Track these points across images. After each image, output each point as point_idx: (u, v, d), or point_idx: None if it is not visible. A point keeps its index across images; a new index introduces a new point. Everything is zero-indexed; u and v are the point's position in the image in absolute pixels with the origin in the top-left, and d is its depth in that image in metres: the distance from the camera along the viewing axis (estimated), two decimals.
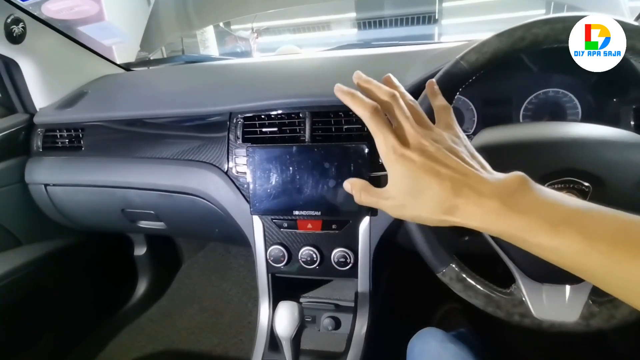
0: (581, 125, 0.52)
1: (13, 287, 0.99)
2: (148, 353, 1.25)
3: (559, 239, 0.31)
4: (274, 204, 0.74)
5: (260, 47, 2.36)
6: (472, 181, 0.34)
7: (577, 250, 0.30)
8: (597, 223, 0.30)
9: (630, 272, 0.29)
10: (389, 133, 0.37)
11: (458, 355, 0.57)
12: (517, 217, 0.32)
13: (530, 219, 0.32)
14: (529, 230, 0.32)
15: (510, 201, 0.33)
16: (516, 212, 0.32)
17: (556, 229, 0.31)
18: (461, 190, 0.34)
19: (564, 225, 0.31)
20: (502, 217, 0.33)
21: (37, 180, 0.99)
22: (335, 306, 0.82)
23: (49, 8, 1.42)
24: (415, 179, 0.35)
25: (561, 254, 0.31)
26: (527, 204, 0.33)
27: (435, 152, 0.36)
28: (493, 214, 0.33)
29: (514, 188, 0.34)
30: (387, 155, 0.37)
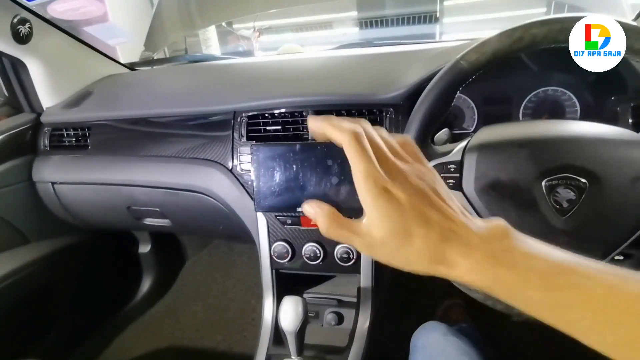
0: (579, 123, 0.53)
1: (21, 284, 1.01)
2: (153, 350, 1.26)
3: (548, 295, 0.29)
4: (278, 201, 0.74)
5: (262, 46, 2.36)
6: (460, 230, 0.31)
7: (565, 306, 0.28)
8: (592, 280, 0.29)
9: (616, 336, 0.28)
10: (371, 162, 0.31)
11: (460, 347, 0.58)
12: (505, 271, 0.30)
13: (521, 274, 0.29)
14: (516, 286, 0.30)
15: (499, 254, 0.30)
16: (503, 266, 0.30)
17: (547, 282, 0.29)
18: (450, 241, 0.31)
19: (556, 278, 0.29)
20: (491, 269, 0.30)
21: (44, 179, 1.01)
22: (338, 301, 0.84)
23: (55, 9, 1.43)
24: (401, 221, 0.31)
25: (551, 311, 0.29)
26: (517, 256, 0.30)
27: (421, 191, 0.32)
28: (481, 267, 0.30)
29: (499, 239, 0.31)
30: (368, 188, 0.31)
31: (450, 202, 0.33)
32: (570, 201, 0.48)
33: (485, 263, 0.30)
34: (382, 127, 0.38)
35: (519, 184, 0.50)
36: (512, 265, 0.30)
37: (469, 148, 0.53)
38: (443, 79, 0.51)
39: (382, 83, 0.76)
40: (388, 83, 0.75)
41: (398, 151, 0.34)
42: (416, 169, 0.33)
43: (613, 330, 0.28)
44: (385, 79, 0.78)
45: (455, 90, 0.52)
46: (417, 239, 0.30)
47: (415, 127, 0.53)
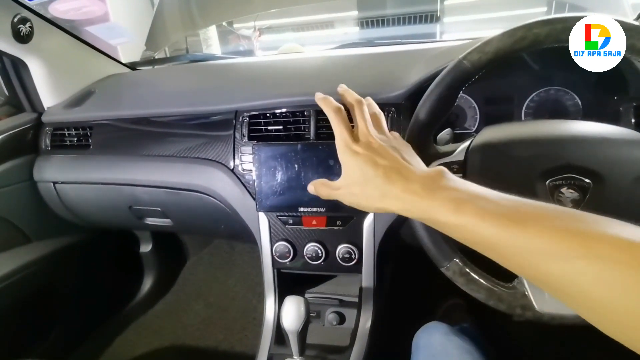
0: (582, 123, 0.53)
1: (23, 284, 1.01)
2: (154, 349, 1.27)
3: (459, 218, 0.35)
4: (280, 200, 0.75)
5: (263, 46, 2.36)
6: (403, 170, 0.41)
7: (472, 226, 0.35)
8: (492, 203, 0.35)
9: (517, 243, 0.32)
10: (344, 130, 0.44)
11: (462, 347, 0.58)
12: (431, 199, 0.37)
13: (441, 201, 0.37)
14: (438, 211, 0.37)
15: (429, 186, 0.38)
16: (431, 195, 0.38)
17: (458, 209, 0.36)
18: (392, 177, 0.40)
19: (465, 206, 0.35)
20: (421, 200, 0.38)
21: (45, 178, 1.01)
22: (340, 301, 0.84)
23: (56, 8, 1.43)
24: (359, 169, 0.42)
25: (461, 230, 0.36)
26: (440, 188, 0.38)
27: (378, 147, 0.43)
28: (415, 198, 0.38)
29: (433, 176, 0.39)
30: (340, 148, 0.44)
31: (405, 155, 0.44)
32: (574, 201, 0.48)
33: (419, 194, 0.38)
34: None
35: (522, 184, 0.50)
36: (436, 196, 0.37)
37: (472, 148, 0.53)
38: (446, 78, 0.51)
39: (383, 83, 0.76)
40: (389, 83, 0.75)
41: (381, 123, 0.48)
42: (386, 136, 0.46)
43: (511, 240, 0.33)
44: (387, 78, 0.78)
45: (458, 90, 0.52)
46: (368, 181, 0.41)
47: (417, 127, 0.53)
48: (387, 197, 0.40)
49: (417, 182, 0.39)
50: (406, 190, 0.39)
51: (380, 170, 0.41)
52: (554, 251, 0.29)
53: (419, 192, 0.38)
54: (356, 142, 0.43)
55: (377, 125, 0.47)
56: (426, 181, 0.39)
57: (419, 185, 0.39)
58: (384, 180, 0.40)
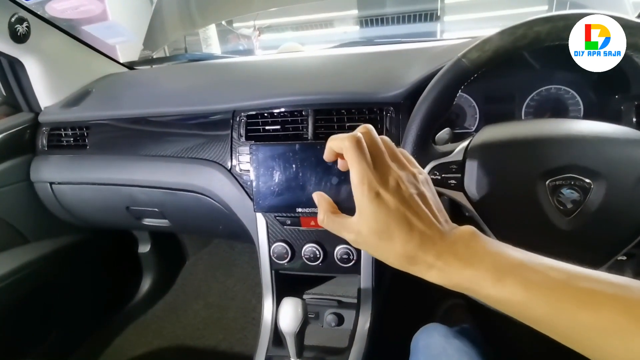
0: (583, 122, 0.53)
1: (20, 284, 1.00)
2: (154, 349, 1.26)
3: (503, 290, 0.32)
4: (277, 201, 0.74)
5: (263, 45, 2.36)
6: (436, 236, 0.35)
7: (519, 300, 0.31)
8: (540, 274, 0.31)
9: (571, 320, 0.30)
10: (367, 167, 0.36)
11: (462, 349, 0.58)
12: (467, 269, 0.33)
13: (478, 271, 0.33)
14: (477, 283, 0.33)
15: (462, 254, 0.34)
16: (467, 265, 0.33)
17: (500, 280, 0.32)
18: (426, 246, 0.34)
19: (508, 277, 0.32)
20: (455, 270, 0.33)
21: (42, 179, 1.00)
22: (338, 302, 0.83)
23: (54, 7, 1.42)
24: (385, 223, 0.35)
25: (507, 305, 0.32)
26: (476, 256, 0.33)
27: (409, 198, 0.36)
28: (449, 269, 0.34)
29: (467, 240, 0.35)
30: (362, 191, 0.36)
31: (435, 209, 0.37)
32: (575, 202, 0.47)
33: (452, 265, 0.34)
34: (383, 127, 0.45)
35: (521, 184, 0.49)
36: (473, 265, 0.33)
37: (470, 148, 0.52)
38: (444, 77, 0.51)
39: (382, 82, 0.75)
40: (389, 82, 0.74)
41: (397, 156, 0.39)
42: (410, 174, 0.38)
43: (565, 319, 0.30)
44: (386, 77, 0.77)
45: (456, 89, 0.51)
46: (397, 241, 0.35)
47: (416, 127, 0.53)
48: (417, 264, 0.35)
49: (449, 253, 0.34)
50: (440, 259, 0.34)
51: (416, 236, 0.34)
52: (617, 328, 0.28)
53: (454, 262, 0.34)
54: (383, 185, 0.36)
55: (394, 157, 0.38)
56: (460, 248, 0.34)
57: (451, 256, 0.34)
58: (416, 247, 0.34)
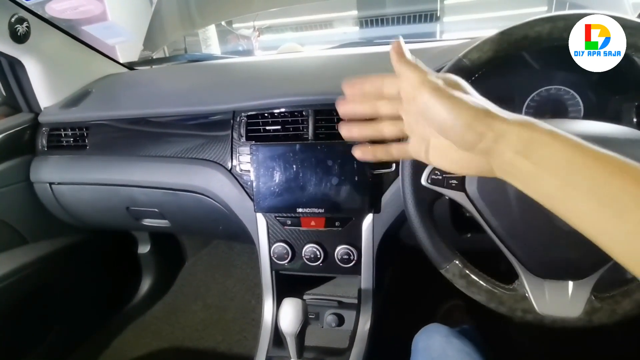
0: (583, 122, 0.53)
1: (20, 285, 1.00)
2: (153, 350, 1.26)
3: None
4: (278, 201, 0.74)
5: (262, 46, 2.36)
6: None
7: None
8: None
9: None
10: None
11: (462, 350, 0.58)
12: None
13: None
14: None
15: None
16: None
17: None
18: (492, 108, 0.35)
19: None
20: (535, 128, 0.32)
21: (42, 179, 1.00)
22: (339, 303, 0.83)
23: (53, 8, 1.42)
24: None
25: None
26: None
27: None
28: (527, 123, 0.33)
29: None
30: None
31: None
32: None
33: (527, 124, 0.32)
34: None
35: None
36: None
37: None
38: None
39: None
40: None
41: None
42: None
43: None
44: None
45: None
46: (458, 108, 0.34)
47: None
48: (491, 116, 0.35)
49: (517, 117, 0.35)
50: (508, 116, 0.35)
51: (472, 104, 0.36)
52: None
53: (528, 122, 0.34)
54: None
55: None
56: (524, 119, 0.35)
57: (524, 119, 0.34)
58: (480, 108, 0.36)
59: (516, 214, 0.50)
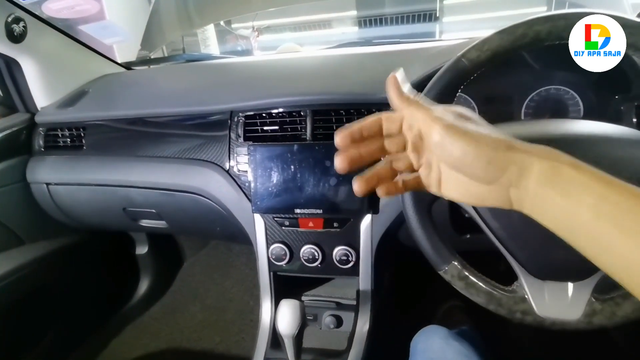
0: (583, 122, 0.52)
1: (16, 286, 1.00)
2: (151, 351, 1.25)
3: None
4: (276, 202, 0.74)
5: (261, 46, 2.35)
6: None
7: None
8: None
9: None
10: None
11: (461, 352, 0.57)
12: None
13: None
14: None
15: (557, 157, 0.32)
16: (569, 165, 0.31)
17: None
18: (513, 140, 0.33)
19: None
20: (556, 158, 0.31)
21: (39, 180, 0.99)
22: (337, 304, 0.82)
23: (50, 7, 1.42)
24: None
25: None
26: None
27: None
28: (548, 153, 0.32)
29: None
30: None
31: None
32: None
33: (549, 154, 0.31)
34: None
35: None
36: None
37: None
38: (443, 77, 0.50)
39: (381, 82, 0.74)
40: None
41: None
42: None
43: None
44: (385, 78, 0.75)
45: (456, 89, 0.51)
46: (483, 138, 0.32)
47: None
48: (515, 146, 0.33)
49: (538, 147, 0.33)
50: (532, 147, 0.33)
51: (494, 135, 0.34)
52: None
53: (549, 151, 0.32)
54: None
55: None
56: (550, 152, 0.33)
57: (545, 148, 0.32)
58: (503, 138, 0.33)
59: (515, 214, 0.49)
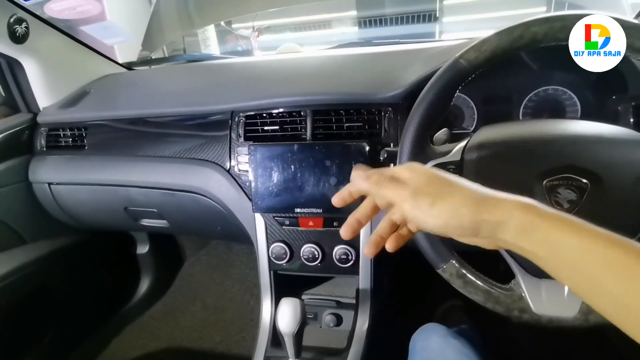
0: (581, 122, 0.53)
1: (18, 285, 1.00)
2: (151, 350, 1.26)
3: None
4: (276, 201, 0.74)
5: (262, 46, 2.35)
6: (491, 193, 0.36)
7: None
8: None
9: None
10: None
11: (460, 350, 0.58)
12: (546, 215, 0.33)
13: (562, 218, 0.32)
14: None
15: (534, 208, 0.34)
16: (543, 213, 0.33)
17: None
18: (486, 194, 0.35)
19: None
20: (531, 209, 0.33)
21: (40, 179, 1.00)
22: (337, 303, 0.83)
23: (52, 8, 1.42)
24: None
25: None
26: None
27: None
28: (523, 204, 0.33)
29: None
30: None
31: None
32: (571, 202, 0.47)
33: (529, 206, 0.33)
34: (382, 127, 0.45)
35: (519, 184, 0.49)
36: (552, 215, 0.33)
37: (468, 148, 0.52)
38: (442, 77, 0.51)
39: (381, 82, 0.76)
40: (387, 82, 0.74)
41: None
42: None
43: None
44: (384, 78, 0.77)
45: (454, 90, 0.51)
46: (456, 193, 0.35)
47: (414, 127, 0.53)
48: (490, 203, 0.35)
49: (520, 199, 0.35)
50: (513, 199, 0.35)
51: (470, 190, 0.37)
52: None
53: (529, 204, 0.34)
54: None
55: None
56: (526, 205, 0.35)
57: (526, 201, 0.35)
58: (476, 194, 0.36)
59: None
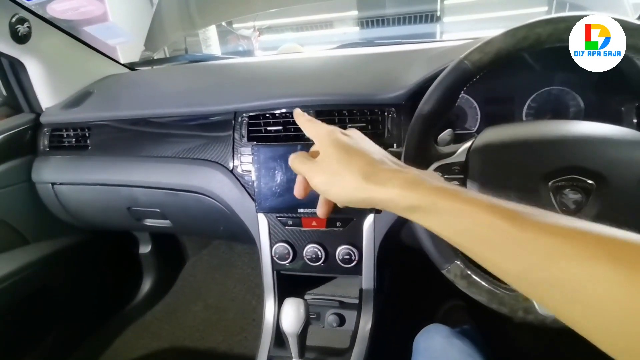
0: (585, 123, 0.53)
1: (21, 285, 1.00)
2: (153, 350, 1.26)
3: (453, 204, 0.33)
4: (279, 202, 0.74)
5: (262, 46, 2.36)
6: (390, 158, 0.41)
7: (469, 211, 0.33)
8: (481, 195, 0.34)
9: (518, 240, 0.29)
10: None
11: (463, 350, 0.58)
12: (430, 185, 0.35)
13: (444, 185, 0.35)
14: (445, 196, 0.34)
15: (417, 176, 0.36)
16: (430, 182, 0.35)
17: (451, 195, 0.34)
18: (382, 161, 0.39)
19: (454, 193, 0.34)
20: (417, 185, 0.35)
21: (43, 179, 1.00)
22: (340, 303, 0.83)
23: (54, 8, 1.42)
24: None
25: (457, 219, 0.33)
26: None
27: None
28: (409, 181, 0.35)
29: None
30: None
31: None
32: (577, 202, 0.47)
33: (415, 179, 0.36)
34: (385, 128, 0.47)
35: (524, 185, 0.49)
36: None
37: (473, 149, 0.52)
38: (446, 79, 0.51)
39: (383, 83, 0.76)
40: (389, 83, 0.75)
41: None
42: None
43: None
44: (387, 78, 0.77)
45: (458, 91, 0.51)
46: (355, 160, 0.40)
47: (419, 128, 0.53)
48: (376, 178, 0.39)
49: (411, 169, 0.39)
50: (400, 173, 0.38)
51: (369, 157, 0.41)
52: (563, 251, 0.26)
53: (415, 177, 0.36)
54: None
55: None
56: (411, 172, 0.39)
57: (414, 171, 0.38)
58: (373, 163, 0.40)
59: None
